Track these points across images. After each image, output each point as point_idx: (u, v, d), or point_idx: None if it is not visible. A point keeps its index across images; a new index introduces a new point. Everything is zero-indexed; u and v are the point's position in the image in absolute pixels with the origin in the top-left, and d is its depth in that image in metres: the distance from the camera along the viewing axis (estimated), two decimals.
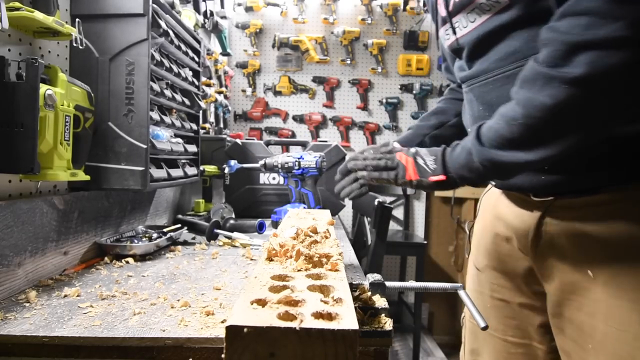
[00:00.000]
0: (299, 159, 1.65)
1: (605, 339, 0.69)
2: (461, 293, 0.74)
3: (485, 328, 0.74)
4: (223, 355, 0.39)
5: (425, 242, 2.90)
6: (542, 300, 0.83)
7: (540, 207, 0.79)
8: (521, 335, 0.88)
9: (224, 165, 1.90)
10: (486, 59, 0.78)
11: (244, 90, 3.33)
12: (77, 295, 0.84)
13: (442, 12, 0.84)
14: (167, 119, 1.38)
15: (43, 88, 0.85)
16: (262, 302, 0.44)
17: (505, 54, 0.74)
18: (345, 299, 0.46)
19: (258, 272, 0.56)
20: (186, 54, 1.51)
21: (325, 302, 0.45)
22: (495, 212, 0.92)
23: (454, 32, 0.82)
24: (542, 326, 0.85)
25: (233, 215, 1.90)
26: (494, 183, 0.95)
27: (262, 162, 1.69)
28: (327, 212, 1.06)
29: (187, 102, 1.55)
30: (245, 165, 1.88)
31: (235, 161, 1.88)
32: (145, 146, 1.15)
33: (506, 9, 0.71)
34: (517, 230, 0.85)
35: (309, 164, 1.64)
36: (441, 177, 0.75)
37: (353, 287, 0.71)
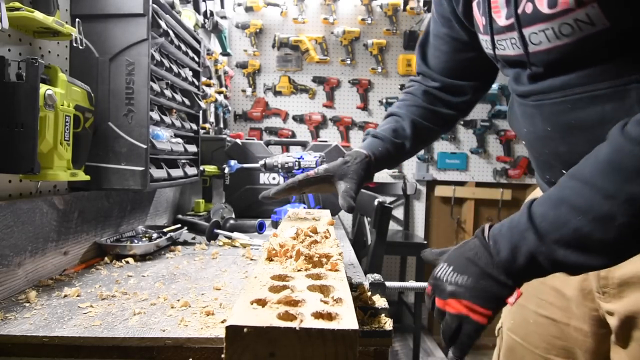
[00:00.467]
0: (299, 159, 1.65)
1: None
2: None
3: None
4: (223, 355, 0.39)
5: (425, 242, 2.90)
6: (599, 326, 0.74)
7: None
8: (566, 355, 0.80)
9: (224, 165, 1.90)
10: (566, 73, 0.64)
11: (244, 90, 3.33)
12: (77, 295, 0.84)
13: (501, 20, 0.68)
14: (167, 119, 1.38)
15: (43, 88, 0.85)
16: (262, 302, 0.44)
17: (597, 71, 0.60)
18: (345, 299, 0.46)
19: (258, 272, 0.56)
20: (186, 54, 1.51)
21: (325, 302, 0.45)
22: None
23: (524, 45, 0.66)
24: (593, 353, 0.77)
25: (233, 215, 1.90)
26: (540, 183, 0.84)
27: (262, 162, 1.69)
28: (327, 212, 1.06)
29: (187, 102, 1.55)
30: (245, 165, 1.88)
31: (235, 161, 1.88)
32: (145, 146, 1.15)
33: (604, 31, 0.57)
34: None
35: (309, 164, 1.64)
36: (519, 293, 0.57)
37: (353, 287, 0.71)
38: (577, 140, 0.65)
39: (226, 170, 1.88)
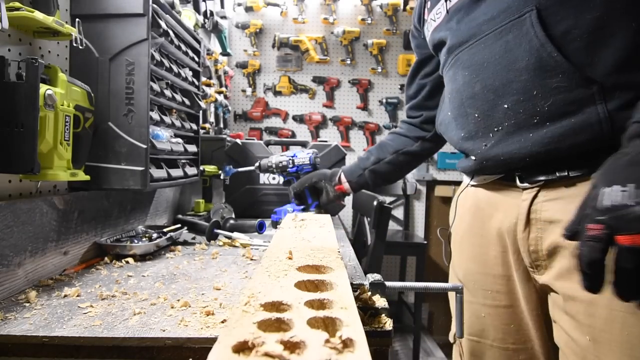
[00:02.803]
0: (292, 157, 1.65)
1: (611, 324, 0.64)
2: (458, 296, 0.74)
3: (460, 337, 0.76)
4: None
5: (425, 242, 2.90)
6: (538, 296, 0.80)
7: (527, 194, 0.76)
8: (522, 340, 0.84)
9: (220, 172, 1.94)
10: (474, 21, 0.78)
11: (244, 90, 3.33)
12: (77, 295, 0.84)
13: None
14: (167, 119, 1.38)
15: (43, 88, 0.85)
16: (247, 348, 0.34)
17: (497, 12, 0.74)
18: (358, 340, 0.36)
19: (247, 295, 0.46)
20: (186, 54, 1.51)
21: (332, 347, 0.34)
22: (476, 211, 0.89)
23: (446, 7, 0.85)
24: (540, 324, 0.82)
25: (233, 215, 1.90)
26: (468, 180, 0.92)
27: (256, 164, 1.69)
28: (328, 216, 1.05)
29: (187, 102, 1.55)
30: (240, 170, 1.88)
31: (230, 166, 1.91)
32: (145, 146, 1.15)
33: None
34: (503, 222, 0.81)
35: (303, 161, 1.64)
36: None
37: (353, 287, 0.71)
38: (488, 74, 0.76)
39: (222, 176, 1.93)
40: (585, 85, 0.67)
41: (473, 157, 0.83)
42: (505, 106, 0.74)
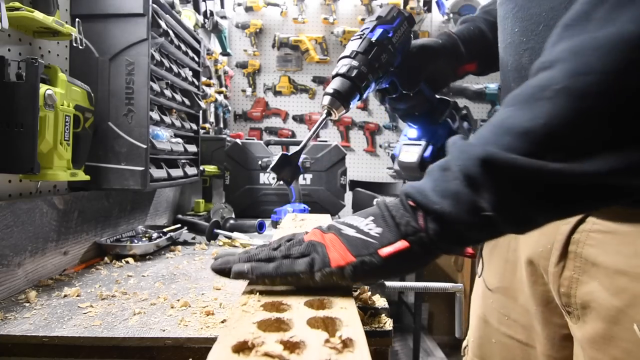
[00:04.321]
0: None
1: None
2: (457, 296, 0.73)
3: (460, 337, 0.64)
4: None
5: None
6: (565, 349, 0.60)
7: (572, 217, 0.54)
8: None
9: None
10: None
11: (244, 90, 3.33)
12: (77, 295, 0.84)
13: None
14: (167, 119, 1.38)
15: (43, 88, 0.85)
16: (247, 348, 0.34)
17: None
18: (358, 340, 0.35)
19: (246, 297, 0.46)
20: (186, 54, 1.51)
21: (332, 347, 0.34)
22: None
23: None
24: None
25: (233, 215, 1.90)
26: None
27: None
28: (327, 217, 1.05)
29: (187, 102, 1.55)
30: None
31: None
32: (145, 146, 1.15)
33: None
34: (537, 245, 0.60)
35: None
36: (400, 246, 0.43)
37: (353, 287, 0.71)
38: (540, 41, 0.53)
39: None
40: None
41: None
42: None
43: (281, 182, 0.66)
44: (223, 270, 0.50)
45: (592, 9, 0.37)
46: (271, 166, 0.66)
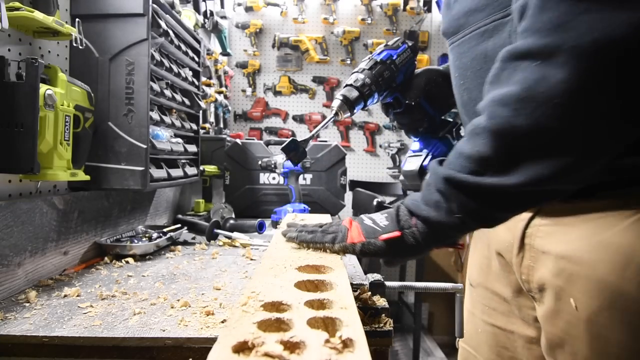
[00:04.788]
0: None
1: None
2: (458, 296, 0.74)
3: (460, 337, 0.72)
4: None
5: None
6: (539, 330, 0.67)
7: (526, 213, 0.64)
8: None
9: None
10: (464, 6, 0.65)
11: (244, 90, 3.33)
12: (77, 295, 0.84)
13: None
14: (167, 119, 1.38)
15: (43, 88, 0.85)
16: (247, 348, 0.34)
17: (484, 1, 0.61)
18: (358, 340, 0.35)
19: (247, 296, 0.46)
20: (186, 54, 1.51)
21: (332, 347, 0.34)
22: None
23: None
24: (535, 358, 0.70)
25: (233, 215, 1.90)
26: None
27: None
28: (327, 216, 1.05)
29: (187, 102, 1.55)
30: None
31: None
32: (145, 146, 1.15)
33: None
34: (503, 241, 0.70)
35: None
36: (394, 234, 0.60)
37: (353, 287, 0.71)
38: (472, 85, 0.66)
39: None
40: None
41: None
42: None
43: (288, 161, 0.80)
44: (284, 234, 0.74)
45: (499, 73, 0.53)
46: (282, 146, 0.79)
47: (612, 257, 0.54)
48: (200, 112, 1.70)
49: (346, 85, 0.78)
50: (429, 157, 0.79)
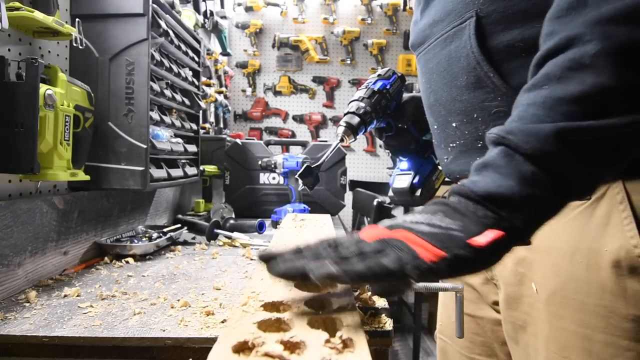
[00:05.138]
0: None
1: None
2: (458, 296, 0.74)
3: (460, 337, 0.71)
4: None
5: None
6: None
7: None
8: (488, 353, 0.78)
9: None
10: (429, 19, 0.69)
11: (244, 90, 3.33)
12: (77, 295, 0.84)
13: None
14: (167, 119, 1.38)
15: (43, 88, 0.85)
16: (247, 348, 0.34)
17: (444, 13, 0.65)
18: (358, 340, 0.35)
19: (247, 296, 0.47)
20: (186, 54, 1.51)
21: (332, 347, 0.34)
22: None
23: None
24: (504, 341, 0.73)
25: (233, 215, 1.90)
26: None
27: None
28: (327, 216, 1.05)
29: (187, 102, 1.55)
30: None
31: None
32: (145, 146, 1.15)
33: None
34: None
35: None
36: (497, 234, 0.41)
37: (353, 287, 0.71)
38: (438, 86, 0.69)
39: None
40: None
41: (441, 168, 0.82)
42: (454, 125, 0.68)
43: (305, 187, 0.84)
44: (279, 275, 0.43)
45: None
46: (298, 174, 0.83)
47: (563, 245, 0.57)
48: (200, 112, 1.70)
49: (348, 113, 0.83)
50: (418, 177, 0.85)
